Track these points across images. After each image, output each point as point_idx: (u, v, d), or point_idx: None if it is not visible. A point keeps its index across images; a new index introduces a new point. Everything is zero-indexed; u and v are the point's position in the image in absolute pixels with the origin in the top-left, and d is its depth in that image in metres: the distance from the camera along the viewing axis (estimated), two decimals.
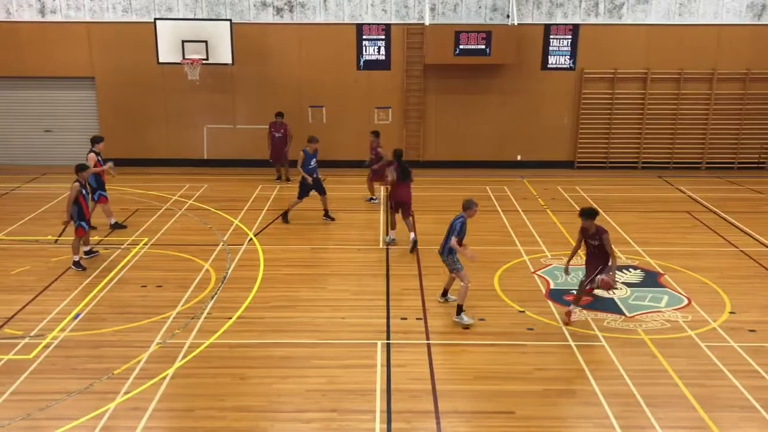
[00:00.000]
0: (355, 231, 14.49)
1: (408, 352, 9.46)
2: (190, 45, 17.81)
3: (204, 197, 16.84)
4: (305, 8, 18.91)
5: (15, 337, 9.77)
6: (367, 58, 19.31)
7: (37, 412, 8.02)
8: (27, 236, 13.94)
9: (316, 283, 11.81)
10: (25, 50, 19.01)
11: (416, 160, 19.96)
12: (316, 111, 19.60)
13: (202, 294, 11.26)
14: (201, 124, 19.69)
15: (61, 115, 19.72)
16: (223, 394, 8.45)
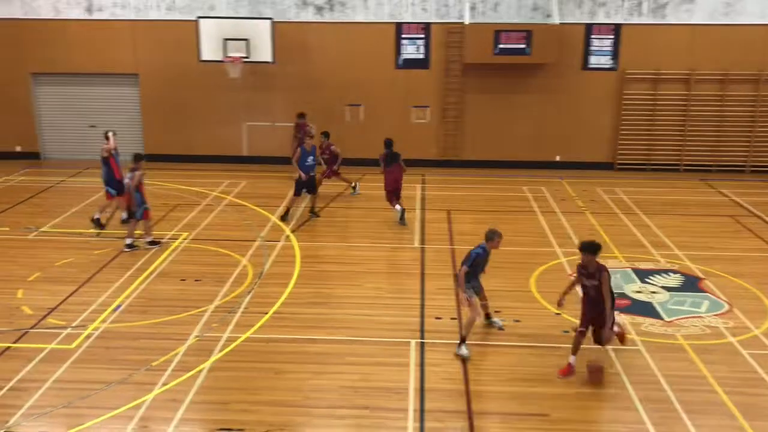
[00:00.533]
0: (391, 229, 14.51)
1: (442, 352, 9.45)
2: (231, 43, 18.03)
3: (243, 194, 17.04)
4: (345, 7, 18.99)
5: (58, 327, 10.03)
6: (406, 57, 19.30)
7: (77, 401, 8.23)
8: (71, 229, 14.29)
9: (351, 281, 11.87)
10: (73, 47, 19.47)
11: (453, 160, 19.92)
12: (354, 110, 19.65)
13: (240, 289, 11.40)
14: (241, 121, 19.92)
15: (105, 110, 20.13)
16: (257, 388, 8.56)
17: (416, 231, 14.47)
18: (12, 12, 19.28)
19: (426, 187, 17.98)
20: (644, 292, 11.41)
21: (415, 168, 19.61)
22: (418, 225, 14.86)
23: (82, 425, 7.77)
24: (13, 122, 20.16)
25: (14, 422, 7.80)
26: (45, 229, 14.23)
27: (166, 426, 7.77)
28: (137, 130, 20.19)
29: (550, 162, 19.89)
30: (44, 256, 12.79)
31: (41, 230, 14.17)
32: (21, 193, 16.87)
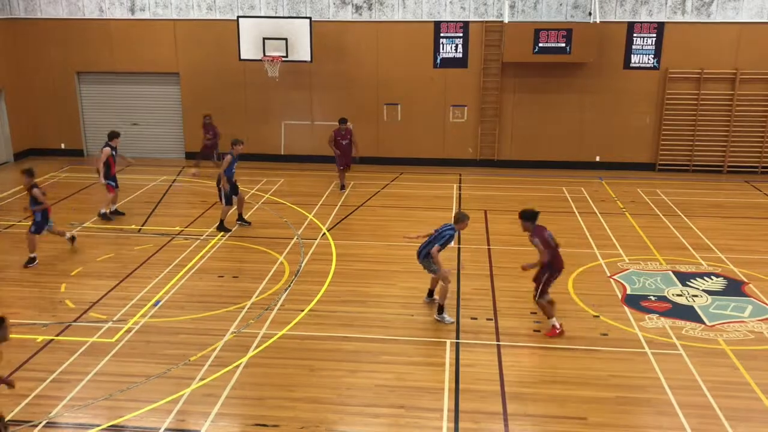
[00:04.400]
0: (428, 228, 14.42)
1: (477, 353, 9.39)
2: (270, 42, 18.19)
3: (280, 192, 17.18)
4: (384, 6, 19.00)
5: (99, 321, 10.23)
6: (444, 56, 19.23)
7: (118, 393, 8.38)
8: (112, 225, 14.56)
9: (387, 280, 11.87)
10: (116, 46, 19.85)
11: (491, 159, 19.79)
12: (391, 109, 19.67)
13: (276, 286, 11.49)
14: (279, 120, 20.09)
15: (147, 109, 20.50)
16: (293, 384, 8.61)
17: None
18: (58, 12, 19.74)
19: (463, 186, 17.90)
20: (685, 295, 11.18)
21: (452, 167, 19.61)
22: None
23: (122, 418, 7.91)
24: (58, 120, 20.66)
25: (56, 413, 7.98)
26: (87, 225, 14.54)
27: (203, 420, 7.87)
28: (178, 128, 20.51)
29: (589, 162, 19.62)
30: (86, 251, 13.07)
31: (84, 225, 14.48)
32: (65, 189, 17.27)
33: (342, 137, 16.97)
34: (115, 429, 7.72)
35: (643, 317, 10.41)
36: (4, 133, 20.04)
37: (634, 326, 10.11)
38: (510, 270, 12.24)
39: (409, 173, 18.87)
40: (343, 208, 15.76)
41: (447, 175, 18.98)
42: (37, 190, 12.21)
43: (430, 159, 19.85)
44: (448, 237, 10.22)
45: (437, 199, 16.63)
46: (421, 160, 19.78)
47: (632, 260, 12.70)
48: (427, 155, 19.82)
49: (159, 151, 20.44)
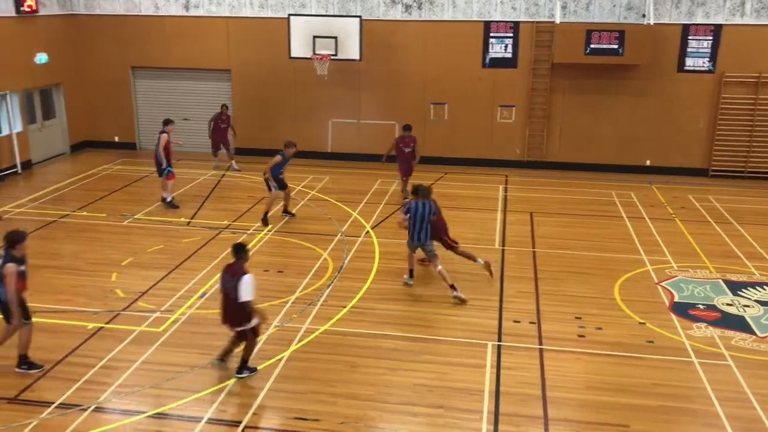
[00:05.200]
0: (472, 230, 14.41)
1: (519, 356, 9.32)
2: (320, 41, 18.34)
3: (325, 189, 17.31)
4: (434, 5, 18.97)
5: (147, 311, 10.49)
6: (493, 56, 19.10)
7: (164, 382, 8.58)
8: (162, 217, 14.89)
9: (429, 279, 11.86)
10: (170, 43, 20.27)
11: (538, 161, 19.59)
12: (438, 108, 19.63)
13: (320, 282, 11.60)
14: (326, 117, 20.24)
15: (199, 104, 20.87)
16: (334, 380, 8.68)
17: (497, 232, 14.31)
18: (115, 8, 20.26)
19: (509, 188, 17.76)
20: (736, 305, 10.89)
21: (498, 168, 19.47)
22: (499, 226, 14.69)
23: (166, 406, 8.10)
24: (113, 114, 21.20)
25: (104, 398, 8.21)
26: (138, 217, 14.90)
27: (245, 411, 8.00)
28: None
29: (639, 166, 19.24)
30: (137, 242, 13.40)
31: (135, 217, 14.85)
32: (117, 181, 17.71)
33: (405, 144, 16.05)
34: (159, 417, 7.91)
35: (690, 326, 10.19)
36: (62, 125, 20.67)
37: (681, 335, 9.90)
38: (555, 273, 12.11)
39: (453, 173, 18.81)
40: (387, 207, 15.79)
41: (493, 176, 18.86)
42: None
43: (475, 159, 19.75)
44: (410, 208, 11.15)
45: (482, 200, 16.54)
46: (466, 160, 19.70)
47: (681, 267, 12.43)
48: (472, 155, 19.73)
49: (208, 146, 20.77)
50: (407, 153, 16.04)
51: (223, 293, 8.50)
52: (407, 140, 16.04)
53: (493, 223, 14.92)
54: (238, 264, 8.44)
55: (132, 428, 7.72)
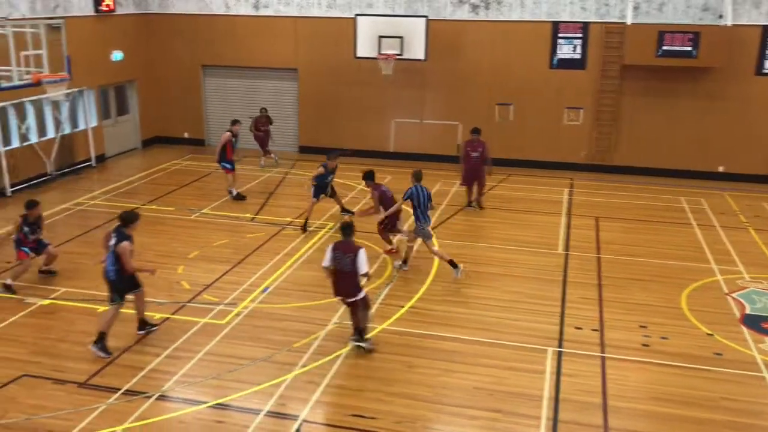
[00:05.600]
0: (535, 233, 14.21)
1: (580, 363, 9.14)
2: (386, 40, 18.40)
3: None
4: (501, 5, 18.78)
5: (211, 303, 10.74)
6: (561, 57, 18.78)
7: (225, 374, 8.77)
8: (228, 212, 15.22)
9: (490, 282, 11.76)
10: (239, 42, 20.69)
11: (605, 165, 19.15)
12: (503, 109, 19.43)
13: (378, 281, 11.64)
14: (390, 117, 20.29)
15: (265, 103, 21.16)
16: (391, 379, 8.70)
17: (561, 237, 14.07)
18: (188, 8, 20.81)
19: (574, 191, 17.43)
20: None
21: (563, 171, 19.15)
22: (563, 231, 14.44)
23: (227, 397, 8.27)
24: (183, 110, 21.78)
25: (168, 387, 8.45)
26: (205, 211, 15.27)
27: (303, 406, 8.11)
28: (293, 123, 21.13)
29: (712, 173, 18.59)
30: (203, 236, 13.74)
31: (202, 212, 15.22)
32: (186, 176, 18.20)
33: (473, 149, 15.31)
34: (220, 407, 8.09)
35: (762, 339, 9.79)
36: (135, 121, 21.37)
37: (752, 348, 9.52)
38: (620, 280, 11.83)
39: (517, 175, 18.58)
40: (448, 208, 15.73)
41: (557, 179, 18.55)
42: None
43: (540, 161, 19.46)
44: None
45: (545, 204, 16.29)
46: (531, 162, 19.43)
47: (753, 278, 11.95)
48: (537, 157, 19.45)
49: (274, 144, 21.11)
50: (474, 158, 15.29)
51: (337, 269, 8.99)
52: (475, 144, 15.35)
53: (556, 227, 14.67)
54: (348, 241, 9.08)
55: (193, 418, 7.92)
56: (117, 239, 9.12)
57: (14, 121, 16.65)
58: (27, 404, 8.07)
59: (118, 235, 9.15)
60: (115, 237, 9.16)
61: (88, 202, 15.75)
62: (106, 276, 9.29)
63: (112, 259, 9.15)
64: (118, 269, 9.15)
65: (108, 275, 9.25)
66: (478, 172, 15.41)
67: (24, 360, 9.03)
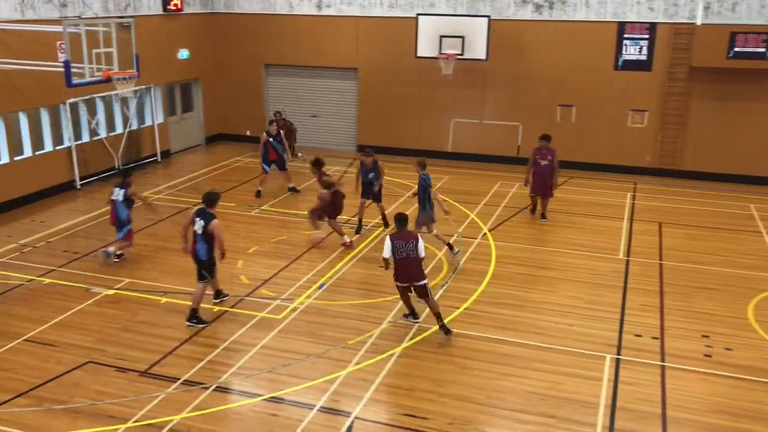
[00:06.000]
0: (595, 237, 13.93)
1: (639, 371, 8.92)
2: (447, 40, 18.33)
3: (444, 188, 17.27)
4: (566, 5, 18.48)
5: (269, 298, 10.92)
6: (627, 58, 18.35)
7: (279, 368, 8.90)
8: (286, 209, 15.43)
9: (547, 286, 11.59)
10: (301, 41, 20.95)
11: (670, 169, 18.63)
12: (565, 110, 19.11)
13: (434, 281, 11.61)
14: (449, 117, 20.21)
15: (326, 102, 21.46)
16: (444, 380, 8.67)
17: (622, 242, 13.75)
18: (253, 7, 21.18)
19: (637, 195, 17.01)
20: None
21: (627, 175, 18.71)
22: (625, 236, 14.11)
23: (281, 391, 8.39)
24: (245, 109, 22.19)
25: (225, 379, 8.63)
26: (265, 208, 15.52)
27: (356, 403, 8.15)
28: (353, 121, 21.27)
29: None
30: (262, 232, 13.97)
31: (261, 208, 15.48)
32: (247, 173, 18.53)
33: (542, 156, 14.47)
34: (275, 401, 8.21)
35: None
36: (199, 118, 21.89)
37: None
38: (683, 288, 11.49)
39: (579, 178, 18.25)
40: (506, 209, 15.57)
41: (620, 182, 18.14)
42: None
43: (603, 164, 19.06)
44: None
45: (607, 207, 15.95)
46: (593, 165, 19.05)
47: None
48: (600, 160, 19.05)
49: (333, 143, 21.32)
50: (543, 166, 14.41)
51: (404, 256, 9.53)
52: (544, 152, 14.46)
53: (618, 231, 14.35)
54: (405, 230, 9.73)
55: (249, 410, 8.06)
56: (205, 220, 9.75)
57: (85, 117, 17.29)
58: (91, 390, 8.37)
59: (205, 216, 9.79)
60: (201, 219, 9.78)
61: (152, 196, 16.20)
62: (196, 257, 9.90)
63: (203, 239, 9.75)
64: (208, 248, 9.82)
65: (199, 255, 9.88)
66: (547, 181, 14.56)
67: (89, 347, 9.37)
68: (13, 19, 14.74)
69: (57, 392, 8.30)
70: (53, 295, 10.95)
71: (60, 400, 8.12)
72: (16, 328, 9.85)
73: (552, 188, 14.75)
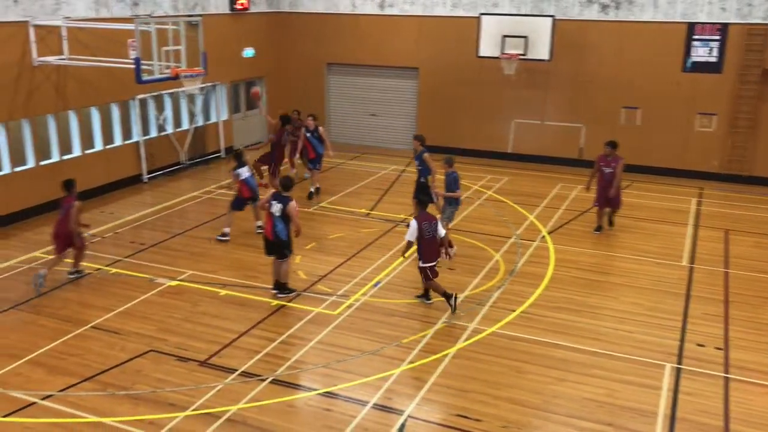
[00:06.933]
0: (658, 243, 13.59)
1: (701, 382, 8.67)
2: (509, 40, 18.16)
3: (503, 190, 17.14)
4: (633, 5, 18.06)
5: (325, 294, 11.04)
6: (695, 60, 17.81)
7: (334, 363, 9.00)
8: (345, 207, 15.57)
9: (606, 292, 11.37)
10: (363, 40, 21.08)
11: (739, 174, 18.00)
12: (630, 113, 18.68)
13: (490, 283, 11.53)
14: (509, 118, 20.01)
15: (385, 101, 21.54)
16: (498, 382, 8.61)
17: (686, 248, 13.37)
18: (317, 7, 21.43)
19: (703, 201, 16.51)
20: None
21: (692, 180, 18.19)
22: (689, 242, 13.72)
23: (335, 386, 8.48)
24: (307, 106, 22.29)
25: (281, 372, 8.77)
26: (323, 205, 15.70)
27: (409, 402, 8.17)
28: (412, 121, 21.28)
29: None
30: (320, 228, 14.13)
31: (320, 205, 15.66)
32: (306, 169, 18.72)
33: (606, 164, 13.69)
34: (329, 396, 8.30)
35: None
36: (262, 115, 22.22)
37: None
38: (750, 298, 11.11)
39: (641, 182, 17.81)
40: (566, 212, 15.33)
41: (685, 187, 17.63)
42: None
43: (667, 168, 18.56)
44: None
45: (671, 213, 15.52)
46: (657, 169, 18.57)
47: None
48: (664, 164, 18.56)
49: (392, 141, 21.38)
50: (608, 174, 13.64)
51: (430, 236, 10.26)
52: (609, 159, 13.70)
53: (682, 238, 13.96)
54: (425, 212, 10.41)
55: (303, 403, 8.17)
56: (283, 203, 10.47)
57: (153, 113, 17.82)
58: (152, 377, 8.63)
59: (282, 200, 10.51)
60: (279, 202, 10.49)
61: (216, 191, 16.58)
62: (277, 237, 10.58)
63: (281, 221, 10.50)
64: (287, 228, 10.58)
65: (280, 236, 10.59)
66: (609, 190, 13.69)
67: (152, 336, 9.66)
68: (88, 17, 15.31)
69: (120, 378, 8.60)
70: (119, 284, 11.34)
71: (123, 386, 8.41)
72: (85, 315, 10.25)
73: (616, 198, 13.78)
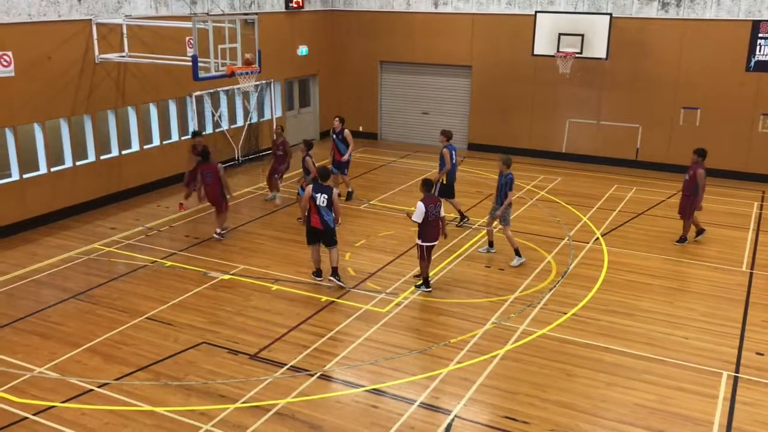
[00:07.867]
0: (717, 247, 13.20)
1: (760, 392, 8.40)
2: (565, 38, 17.88)
3: (555, 190, 16.91)
4: (694, 3, 17.56)
5: (374, 291, 11.09)
6: (761, 59, 17.21)
7: (382, 360, 9.03)
8: (395, 205, 15.59)
9: (661, 296, 11.10)
10: (417, 38, 21.06)
11: None
12: (689, 113, 18.18)
13: (541, 284, 11.40)
14: (564, 117, 19.71)
15: (438, 99, 21.47)
16: (547, 385, 8.51)
17: (746, 253, 12.95)
18: (371, 5, 21.50)
19: (765, 206, 15.96)
20: None
21: (755, 183, 17.62)
22: (749, 247, 13.29)
23: (383, 384, 8.51)
24: (359, 105, 22.58)
25: (329, 367, 8.85)
26: (374, 203, 15.75)
27: (456, 402, 8.15)
28: (464, 120, 21.18)
29: None
30: (370, 226, 14.19)
31: (371, 203, 15.72)
32: (358, 168, 18.83)
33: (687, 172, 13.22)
34: (376, 393, 8.34)
35: None
36: (315, 113, 22.47)
37: None
38: None
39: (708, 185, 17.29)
40: (621, 214, 15.03)
41: (747, 191, 17.08)
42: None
43: (728, 171, 18.00)
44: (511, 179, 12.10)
45: (732, 217, 15.06)
46: (717, 171, 17.98)
47: None
48: (725, 167, 18.00)
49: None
50: (685, 182, 13.14)
51: (434, 218, 10.80)
52: (691, 165, 13.10)
53: (743, 242, 13.53)
54: (431, 195, 10.93)
55: (351, 399, 8.23)
56: (327, 193, 10.79)
57: (209, 109, 18.16)
58: (204, 369, 8.81)
59: (325, 190, 10.81)
60: (323, 193, 10.78)
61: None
62: (327, 226, 10.91)
63: (327, 211, 10.84)
64: (333, 217, 10.94)
65: (328, 224, 10.92)
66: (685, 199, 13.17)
67: (204, 328, 9.87)
68: (148, 15, 15.70)
69: (173, 369, 8.80)
70: (173, 277, 11.61)
71: (175, 377, 8.61)
72: (140, 306, 10.53)
73: (688, 209, 13.10)
